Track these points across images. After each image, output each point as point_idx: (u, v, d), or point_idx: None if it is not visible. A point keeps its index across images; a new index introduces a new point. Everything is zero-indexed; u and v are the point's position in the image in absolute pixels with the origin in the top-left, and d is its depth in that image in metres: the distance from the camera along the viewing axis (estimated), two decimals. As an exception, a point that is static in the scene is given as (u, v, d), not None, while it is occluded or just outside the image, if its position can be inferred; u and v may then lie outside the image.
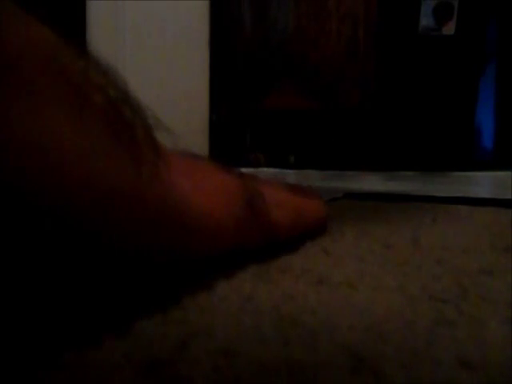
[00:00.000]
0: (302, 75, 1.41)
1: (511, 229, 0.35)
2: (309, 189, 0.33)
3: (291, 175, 1.18)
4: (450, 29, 1.33)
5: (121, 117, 0.15)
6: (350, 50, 1.38)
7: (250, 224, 0.22)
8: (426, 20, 1.34)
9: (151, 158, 0.15)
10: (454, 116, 1.36)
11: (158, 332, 0.15)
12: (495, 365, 0.13)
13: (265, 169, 1.37)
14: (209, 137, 1.44)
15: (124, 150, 0.14)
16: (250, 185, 0.23)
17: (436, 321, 0.16)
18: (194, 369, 0.12)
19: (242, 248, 0.22)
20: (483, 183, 1.00)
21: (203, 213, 0.19)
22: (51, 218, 0.12)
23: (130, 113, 0.15)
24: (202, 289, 0.19)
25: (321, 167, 1.30)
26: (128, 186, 0.14)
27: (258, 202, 0.23)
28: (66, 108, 0.13)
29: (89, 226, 0.13)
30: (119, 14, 1.43)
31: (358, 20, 1.36)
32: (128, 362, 0.12)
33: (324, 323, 0.15)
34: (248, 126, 1.46)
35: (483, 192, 0.80)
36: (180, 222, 0.17)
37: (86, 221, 0.13)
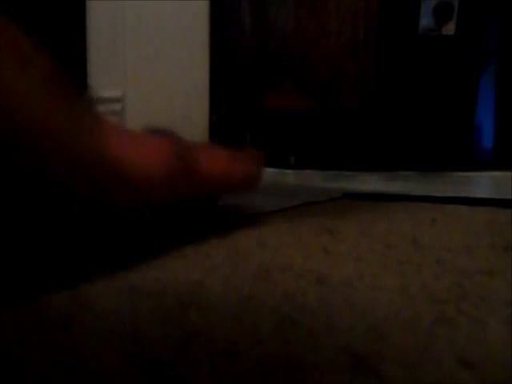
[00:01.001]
0: (302, 75, 1.41)
1: (511, 229, 0.35)
2: (248, 155, 0.37)
3: (291, 175, 1.18)
4: (449, 29, 1.33)
5: (62, 79, 0.18)
6: (350, 50, 1.38)
7: (179, 174, 0.25)
8: (425, 20, 1.34)
9: (89, 113, 0.19)
10: (453, 116, 1.36)
11: (158, 332, 0.15)
12: (495, 365, 0.13)
13: (265, 169, 1.37)
14: (209, 137, 1.44)
15: (64, 103, 0.17)
16: (181, 143, 0.26)
17: (436, 321, 0.16)
18: (194, 369, 0.12)
19: (173, 197, 0.25)
20: (483, 183, 1.00)
21: (133, 163, 0.21)
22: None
23: (74, 84, 0.19)
24: (202, 289, 0.19)
25: (321, 167, 1.30)
26: (65, 134, 0.17)
27: (188, 156, 0.26)
28: (17, 67, 0.16)
29: (30, 161, 0.17)
30: (119, 14, 1.43)
31: (358, 20, 1.36)
32: (128, 362, 0.12)
33: (324, 323, 0.15)
34: (248, 125, 1.46)
35: (483, 192, 0.80)
36: (110, 169, 0.20)
37: (28, 157, 0.17)
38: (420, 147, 1.36)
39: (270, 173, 1.26)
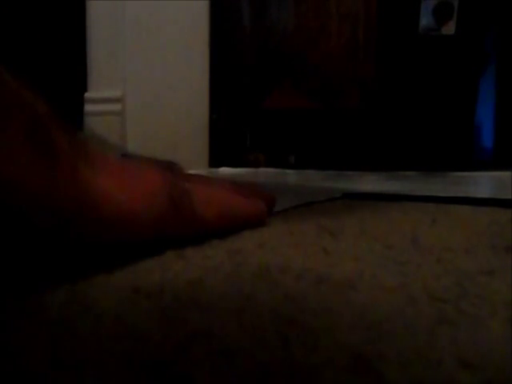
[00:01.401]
0: (302, 75, 1.41)
1: (511, 229, 0.35)
2: (254, 188, 0.38)
3: (291, 175, 1.18)
4: (449, 29, 1.33)
5: (43, 132, 0.18)
6: (350, 50, 1.38)
7: (172, 218, 0.25)
8: (425, 20, 1.34)
9: (71, 163, 0.19)
10: (453, 116, 1.36)
11: (158, 332, 0.15)
12: (495, 365, 0.13)
13: (265, 169, 1.37)
14: (209, 137, 1.44)
15: (42, 159, 0.18)
16: (177, 183, 0.26)
17: (436, 321, 0.16)
18: (194, 369, 0.12)
19: (161, 236, 0.25)
20: (483, 183, 1.00)
21: (121, 207, 0.22)
22: None
23: (56, 127, 0.19)
24: (202, 289, 0.19)
25: (321, 167, 1.30)
26: (40, 186, 0.18)
27: (182, 199, 0.26)
28: None
29: (12, 216, 0.17)
30: (119, 14, 1.43)
31: (358, 20, 1.36)
32: (128, 362, 0.12)
33: (324, 323, 0.15)
34: (248, 125, 1.46)
35: (483, 192, 0.80)
36: (95, 215, 0.20)
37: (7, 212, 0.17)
38: (420, 147, 1.36)
39: (269, 173, 1.26)
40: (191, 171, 0.41)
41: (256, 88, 1.44)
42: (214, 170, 1.34)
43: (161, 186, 0.25)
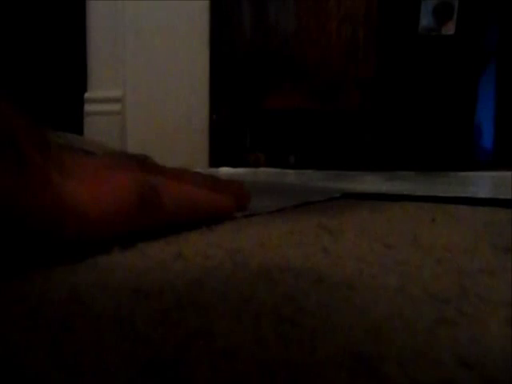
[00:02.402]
0: (302, 75, 1.41)
1: (511, 229, 0.35)
2: (229, 185, 0.40)
3: (291, 175, 1.18)
4: (449, 29, 1.33)
5: (14, 145, 0.20)
6: (350, 50, 1.38)
7: (141, 213, 0.27)
8: (425, 20, 1.34)
9: (43, 172, 0.21)
10: (453, 116, 1.36)
11: (158, 332, 0.15)
12: (495, 365, 0.13)
13: (265, 169, 1.37)
14: (209, 137, 1.44)
15: (11, 169, 0.20)
16: (146, 180, 0.29)
17: (436, 321, 0.16)
18: (194, 369, 0.12)
19: (131, 229, 0.27)
20: (483, 183, 1.00)
21: (88, 202, 0.24)
22: None
23: (29, 140, 0.21)
24: (202, 289, 0.19)
25: (321, 167, 1.30)
26: (9, 191, 0.19)
27: (151, 194, 0.28)
28: None
29: None
30: (119, 14, 1.43)
31: (358, 20, 1.36)
32: (128, 362, 0.12)
33: (324, 323, 0.15)
34: (248, 125, 1.46)
35: (483, 192, 0.80)
36: (65, 215, 0.22)
37: None
38: (420, 147, 1.36)
39: (269, 172, 1.26)
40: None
41: (256, 88, 1.44)
42: (214, 169, 1.35)
43: (130, 185, 0.27)
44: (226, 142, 1.45)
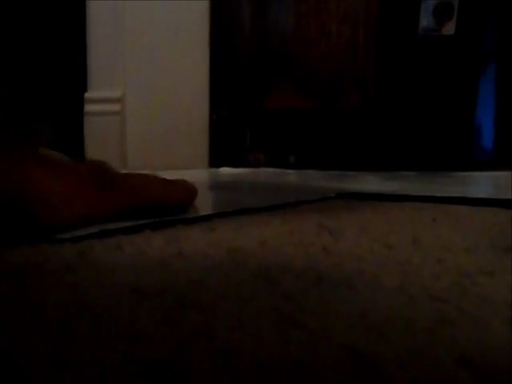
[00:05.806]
0: (302, 75, 1.41)
1: (511, 229, 0.35)
2: (179, 182, 0.43)
3: (291, 175, 1.18)
4: (449, 29, 1.33)
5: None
6: (350, 50, 1.38)
7: (100, 192, 0.32)
8: (425, 20, 1.34)
9: (21, 162, 0.27)
10: (453, 116, 1.36)
11: (158, 332, 0.15)
12: (495, 365, 0.13)
13: (265, 169, 1.37)
14: (209, 137, 1.44)
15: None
16: (104, 171, 0.34)
17: (436, 321, 0.16)
18: (194, 369, 0.12)
19: (96, 213, 0.32)
20: (483, 183, 1.00)
21: (53, 189, 0.28)
22: None
23: (14, 131, 0.27)
24: (202, 289, 0.19)
25: (321, 167, 1.30)
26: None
27: (105, 176, 0.33)
28: None
29: None
30: (119, 14, 1.43)
31: (358, 20, 1.36)
32: (128, 362, 0.12)
33: (324, 323, 0.15)
34: (248, 125, 1.46)
35: (483, 192, 0.80)
36: (33, 197, 0.27)
37: None
38: (420, 147, 1.36)
39: (269, 172, 1.26)
40: (190, 171, 0.43)
41: (256, 88, 1.44)
42: (214, 170, 1.34)
43: (86, 173, 0.32)
44: (225, 141, 1.45)
